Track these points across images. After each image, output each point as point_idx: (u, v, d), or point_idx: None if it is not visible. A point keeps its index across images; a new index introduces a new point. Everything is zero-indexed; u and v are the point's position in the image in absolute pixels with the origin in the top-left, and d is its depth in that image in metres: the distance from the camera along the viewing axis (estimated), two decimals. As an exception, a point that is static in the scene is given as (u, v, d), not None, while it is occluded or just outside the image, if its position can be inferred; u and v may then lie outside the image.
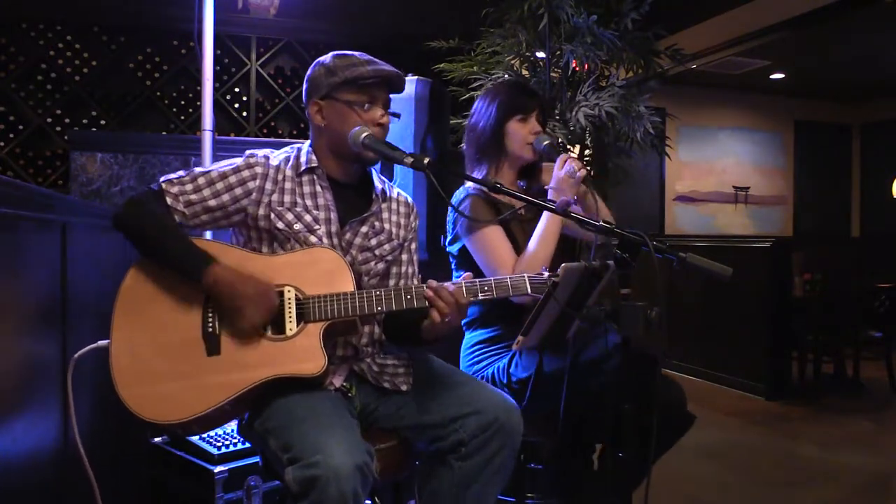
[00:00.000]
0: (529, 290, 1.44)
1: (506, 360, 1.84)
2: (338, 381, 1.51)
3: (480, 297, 1.44)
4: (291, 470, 1.24)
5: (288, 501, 1.25)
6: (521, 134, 1.93)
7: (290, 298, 1.41)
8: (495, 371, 1.86)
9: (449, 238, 1.98)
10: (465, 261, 1.92)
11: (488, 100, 1.99)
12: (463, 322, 1.96)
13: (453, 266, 2.00)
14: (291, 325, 1.40)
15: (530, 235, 1.86)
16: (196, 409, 1.33)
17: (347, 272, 1.44)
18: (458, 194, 1.95)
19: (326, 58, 1.56)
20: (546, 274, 1.44)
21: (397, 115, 1.61)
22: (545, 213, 1.83)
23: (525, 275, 1.45)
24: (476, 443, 1.43)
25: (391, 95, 1.59)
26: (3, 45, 4.93)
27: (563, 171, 1.82)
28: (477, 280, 1.45)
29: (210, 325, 1.39)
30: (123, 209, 1.43)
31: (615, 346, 1.62)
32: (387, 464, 1.50)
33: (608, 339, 1.64)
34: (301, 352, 1.38)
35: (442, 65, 3.76)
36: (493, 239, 1.85)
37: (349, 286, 1.43)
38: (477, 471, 1.43)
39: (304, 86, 1.59)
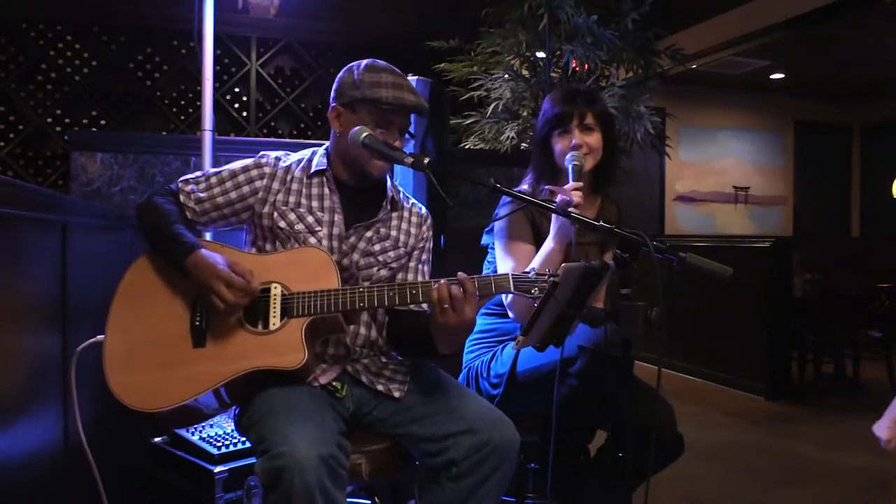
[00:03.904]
0: (513, 289, 1.39)
1: (490, 355, 1.84)
2: (324, 379, 1.51)
3: (478, 291, 1.39)
4: (260, 462, 1.26)
5: (263, 494, 1.26)
6: (561, 147, 1.82)
7: (275, 294, 1.44)
8: (480, 364, 1.86)
9: (488, 228, 1.95)
10: (493, 256, 1.91)
11: (540, 115, 1.90)
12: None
13: (490, 249, 1.97)
14: (275, 320, 1.42)
15: (577, 257, 1.79)
16: (177, 398, 1.37)
17: (333, 271, 1.45)
18: (504, 199, 1.86)
19: (359, 65, 1.55)
20: (532, 273, 1.39)
21: (412, 136, 1.61)
22: (548, 239, 1.74)
23: (509, 273, 1.40)
24: (468, 464, 1.40)
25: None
26: (3, 45, 4.93)
27: (556, 205, 1.65)
28: (464, 276, 1.40)
29: (198, 318, 1.44)
30: (142, 201, 1.52)
31: (580, 349, 1.59)
32: (378, 465, 1.50)
33: (575, 340, 1.60)
34: (282, 346, 1.40)
35: (442, 65, 3.76)
36: (515, 252, 1.81)
37: (334, 284, 1.44)
38: (469, 492, 1.40)
39: (334, 85, 1.58)
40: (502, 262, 1.83)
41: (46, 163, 5.00)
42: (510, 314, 1.81)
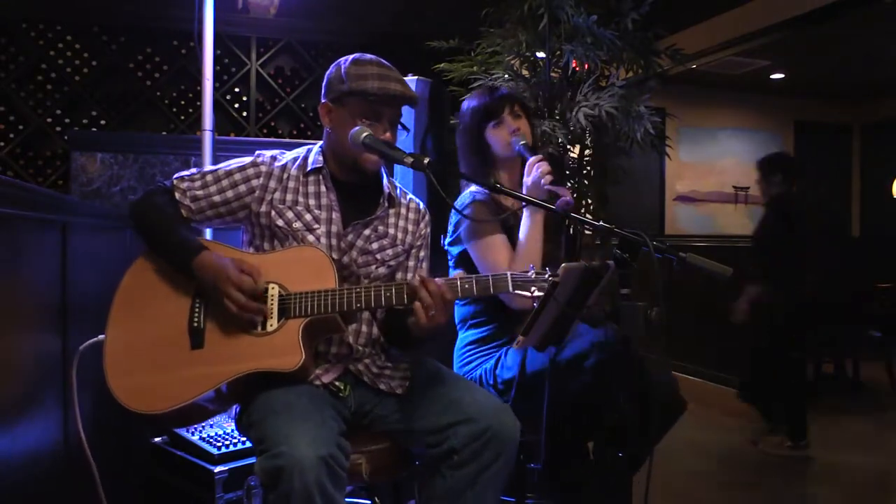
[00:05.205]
0: (511, 289, 1.38)
1: (493, 362, 1.85)
2: (326, 378, 1.51)
3: (460, 293, 1.40)
4: (259, 461, 1.26)
5: (262, 494, 1.26)
6: (500, 137, 1.95)
7: (273, 295, 1.44)
8: (483, 373, 1.87)
9: (450, 239, 1.98)
10: (465, 263, 1.92)
11: (464, 115, 2.03)
12: (457, 321, 1.97)
13: (451, 266, 2.00)
14: (272, 321, 1.42)
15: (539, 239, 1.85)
16: (176, 401, 1.37)
17: (331, 270, 1.45)
18: (463, 198, 1.95)
19: (346, 60, 1.56)
20: (532, 272, 1.38)
21: (406, 129, 1.61)
22: (525, 212, 1.84)
23: (508, 273, 1.40)
24: (468, 452, 1.41)
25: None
26: (3, 45, 4.92)
27: (531, 179, 1.82)
28: (459, 277, 1.42)
29: (196, 319, 1.43)
30: (137, 200, 1.51)
31: (593, 345, 1.62)
32: (378, 465, 1.51)
33: (586, 337, 1.63)
34: (280, 347, 1.40)
35: (442, 65, 3.75)
36: (494, 246, 1.85)
37: (332, 284, 1.43)
38: (470, 480, 1.41)
39: (324, 81, 1.60)
40: (488, 260, 1.84)
41: (46, 163, 4.99)
42: (512, 306, 1.84)
